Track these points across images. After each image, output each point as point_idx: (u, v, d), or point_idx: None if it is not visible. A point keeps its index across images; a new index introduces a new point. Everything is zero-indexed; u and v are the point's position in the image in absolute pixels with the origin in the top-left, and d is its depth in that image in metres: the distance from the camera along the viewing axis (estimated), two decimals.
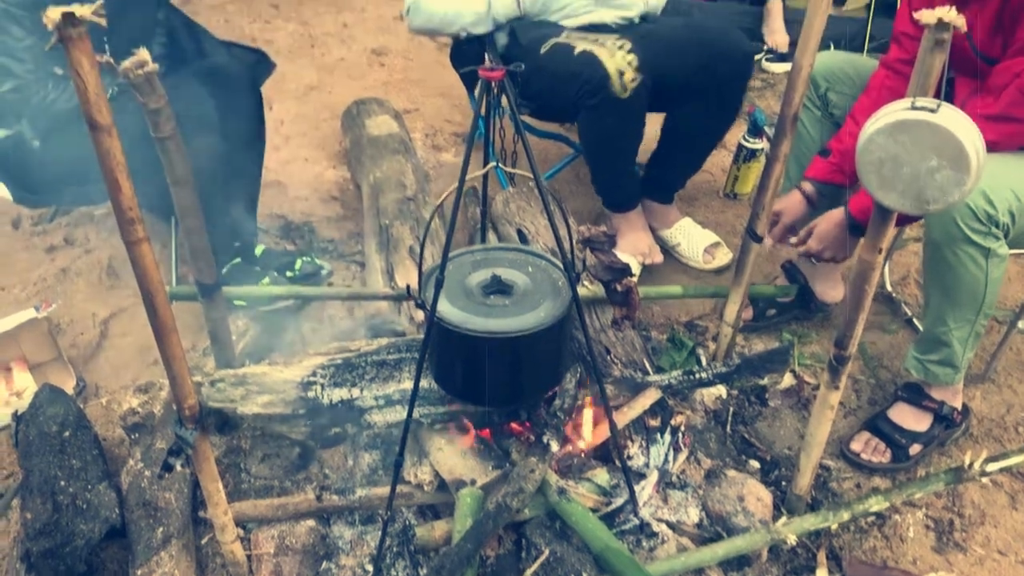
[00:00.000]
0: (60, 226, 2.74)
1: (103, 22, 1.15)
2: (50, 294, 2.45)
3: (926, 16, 1.28)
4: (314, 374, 1.76)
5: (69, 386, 2.10)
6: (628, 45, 2.11)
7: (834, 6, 3.88)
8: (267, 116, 2.38)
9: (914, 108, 1.31)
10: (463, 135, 3.42)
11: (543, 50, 2.24)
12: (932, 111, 1.30)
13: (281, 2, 4.71)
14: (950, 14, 1.27)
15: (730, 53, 2.32)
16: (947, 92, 2.03)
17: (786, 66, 3.77)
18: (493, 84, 1.39)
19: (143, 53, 1.39)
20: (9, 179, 2.16)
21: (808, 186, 2.09)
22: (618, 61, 2.10)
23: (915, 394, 2.02)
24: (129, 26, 2.05)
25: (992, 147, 1.73)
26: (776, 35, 3.96)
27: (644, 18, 2.55)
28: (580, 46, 2.15)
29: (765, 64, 3.96)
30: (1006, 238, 1.73)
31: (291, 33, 4.34)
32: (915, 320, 2.40)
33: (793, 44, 3.89)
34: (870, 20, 3.83)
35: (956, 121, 1.30)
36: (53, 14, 1.12)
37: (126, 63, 1.38)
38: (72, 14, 1.12)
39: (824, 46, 1.69)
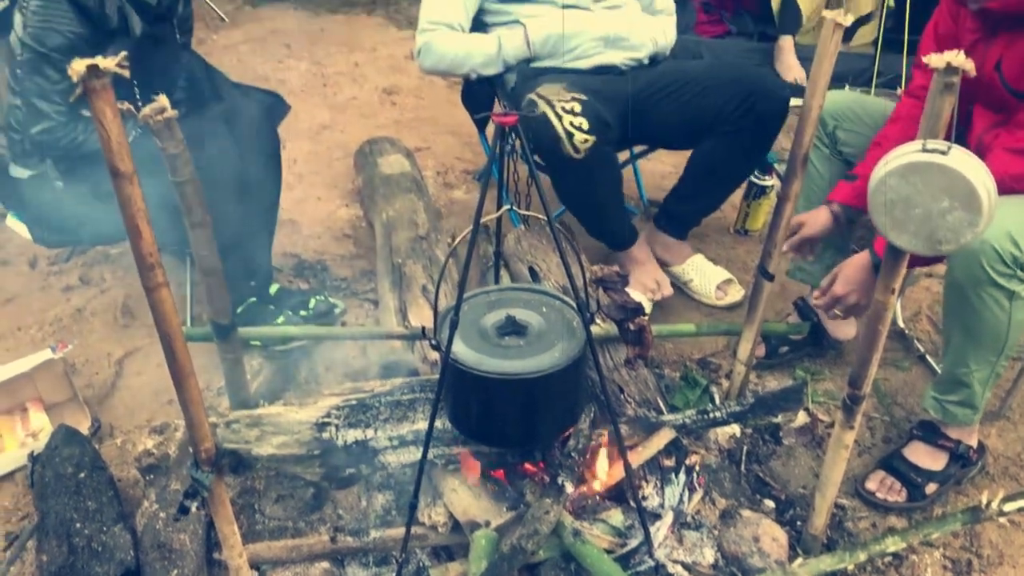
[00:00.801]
0: (76, 266, 2.76)
1: (127, 73, 1.18)
2: (66, 334, 2.47)
3: (935, 60, 1.29)
4: (328, 415, 1.76)
5: (84, 426, 2.11)
6: (578, 108, 2.12)
7: (841, 42, 3.92)
8: (281, 155, 2.40)
9: (925, 150, 1.32)
10: (474, 172, 3.45)
11: (523, 104, 2.27)
12: (943, 153, 1.31)
13: (293, 42, 4.78)
14: (958, 58, 1.28)
15: (771, 93, 2.33)
16: (963, 123, 2.04)
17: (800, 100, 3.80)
18: (507, 128, 1.41)
19: (162, 99, 1.42)
20: (30, 218, 2.19)
21: (835, 206, 2.08)
22: (566, 124, 2.11)
23: (930, 432, 2.01)
24: (155, 70, 2.09)
25: (1017, 182, 1.75)
26: (792, 70, 3.99)
27: (653, 59, 2.58)
28: (541, 106, 2.17)
29: None
30: None
31: (304, 73, 4.40)
32: (928, 357, 2.40)
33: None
34: (877, 56, 3.86)
35: (967, 163, 1.31)
36: (78, 66, 1.14)
37: (146, 110, 1.40)
38: (96, 66, 1.14)
39: (833, 82, 1.70)
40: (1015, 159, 1.78)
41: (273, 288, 2.40)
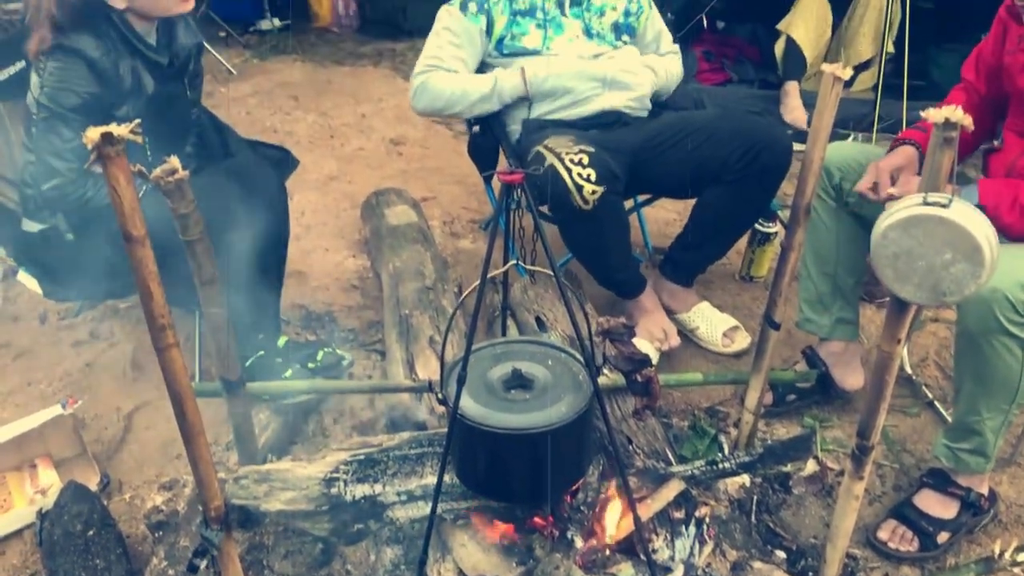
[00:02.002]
0: (86, 320, 2.78)
1: (140, 139, 1.20)
2: (76, 389, 2.48)
3: (933, 115, 1.31)
4: (337, 470, 1.76)
5: (93, 482, 2.11)
6: (586, 159, 2.15)
7: (842, 89, 3.96)
8: (289, 207, 2.43)
9: (926, 203, 1.34)
10: (480, 222, 3.48)
11: (529, 157, 2.30)
12: (944, 206, 1.33)
13: (301, 94, 4.86)
14: (956, 113, 1.30)
15: (775, 143, 2.36)
16: (990, 149, 2.05)
17: (803, 145, 3.84)
18: (512, 186, 1.43)
19: (174, 161, 1.44)
20: (41, 272, 2.22)
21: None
22: (575, 176, 2.14)
23: (941, 480, 2.00)
24: (166, 128, 2.13)
25: None
26: (796, 112, 4.03)
27: (659, 100, 2.62)
28: (549, 158, 2.20)
29: None
30: None
31: (311, 124, 4.46)
32: (936, 403, 2.39)
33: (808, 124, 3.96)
34: (878, 101, 3.90)
35: (968, 216, 1.32)
36: (92, 134, 1.17)
37: (157, 171, 1.43)
38: (111, 133, 1.16)
39: (834, 128, 1.72)
40: None
41: (281, 341, 2.41)
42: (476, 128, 2.68)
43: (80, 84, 1.93)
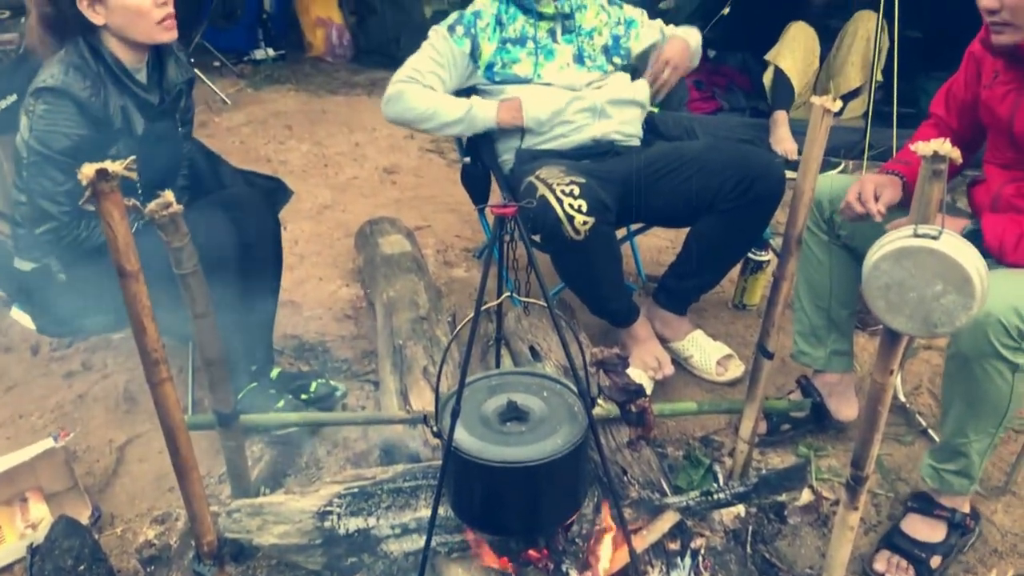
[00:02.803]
0: (78, 351, 2.77)
1: (134, 176, 1.21)
2: (68, 421, 2.47)
3: (922, 148, 1.33)
4: (330, 503, 1.75)
5: (85, 515, 2.10)
6: (577, 190, 2.17)
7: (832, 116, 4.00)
8: (282, 237, 2.43)
9: (916, 235, 1.35)
10: (474, 250, 3.49)
11: (522, 187, 2.32)
12: (934, 238, 1.34)
13: (295, 123, 4.88)
14: (944, 146, 1.32)
15: (767, 173, 2.37)
16: (974, 182, 2.07)
17: (794, 174, 3.88)
18: (506, 219, 1.44)
19: (168, 195, 1.45)
20: (34, 309, 2.21)
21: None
22: (566, 207, 2.15)
23: (926, 503, 2.01)
24: (157, 164, 2.13)
25: None
26: (784, 143, 4.06)
27: (657, 134, 2.64)
28: (540, 189, 2.22)
29: None
30: None
31: (305, 153, 4.48)
32: (931, 431, 2.39)
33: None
34: (868, 129, 3.93)
35: (958, 248, 1.34)
36: (88, 170, 1.18)
37: (151, 205, 1.43)
38: (105, 170, 1.17)
39: (825, 155, 1.73)
40: None
41: (274, 372, 2.41)
42: (467, 159, 2.71)
43: (69, 126, 1.91)
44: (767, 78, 4.17)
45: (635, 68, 2.80)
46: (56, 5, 1.95)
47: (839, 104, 1.67)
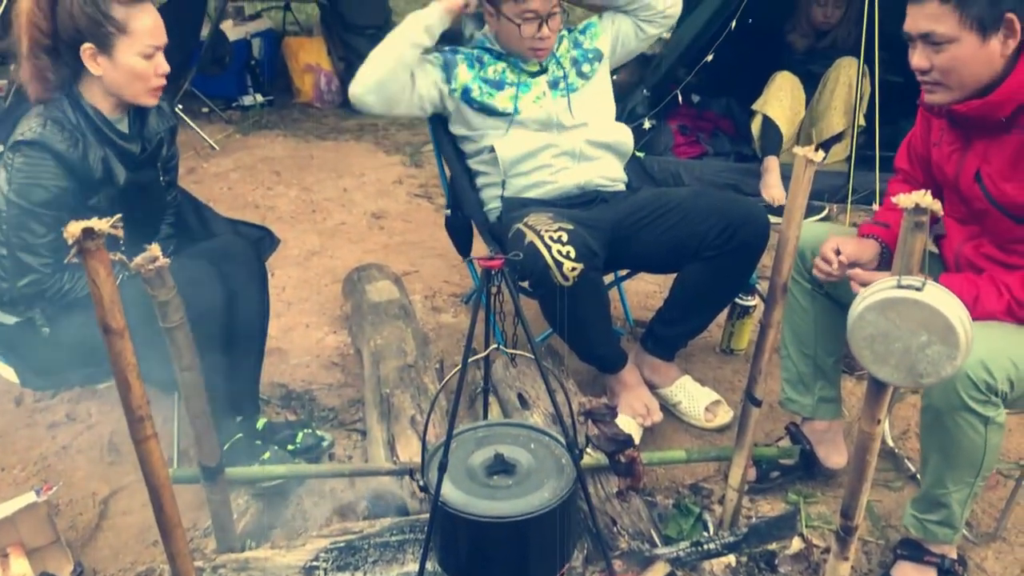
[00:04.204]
0: (63, 401, 2.74)
1: (120, 233, 1.21)
2: (51, 473, 2.43)
3: (904, 200, 1.34)
4: (316, 558, 1.74)
5: (66, 571, 2.06)
6: (565, 237, 2.18)
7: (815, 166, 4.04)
8: (269, 284, 2.42)
9: (900, 287, 1.36)
10: (461, 295, 3.49)
11: (510, 235, 2.32)
12: (918, 289, 1.35)
13: (283, 169, 4.89)
14: (926, 199, 1.33)
15: (752, 220, 2.39)
16: (940, 235, 2.10)
17: (779, 219, 3.91)
18: (492, 271, 1.45)
19: (154, 249, 1.45)
20: (17, 362, 2.19)
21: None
22: (554, 253, 2.16)
23: (915, 550, 2.00)
24: (140, 214, 2.13)
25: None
26: (773, 189, 4.10)
27: (642, 178, 2.65)
28: (528, 235, 2.23)
29: None
30: (1004, 404, 1.74)
31: (293, 199, 4.48)
32: (920, 476, 2.38)
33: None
34: (851, 172, 3.97)
35: (941, 299, 1.35)
36: (74, 228, 1.18)
37: (138, 259, 1.43)
38: (91, 228, 1.17)
39: (809, 199, 1.75)
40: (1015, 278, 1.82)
41: (260, 422, 2.39)
42: (448, 211, 2.71)
43: (49, 178, 1.90)
44: (755, 126, 4.22)
45: (616, 70, 2.79)
46: (56, 44, 1.94)
47: (821, 155, 1.69)
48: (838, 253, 1.97)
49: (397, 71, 2.51)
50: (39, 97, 1.96)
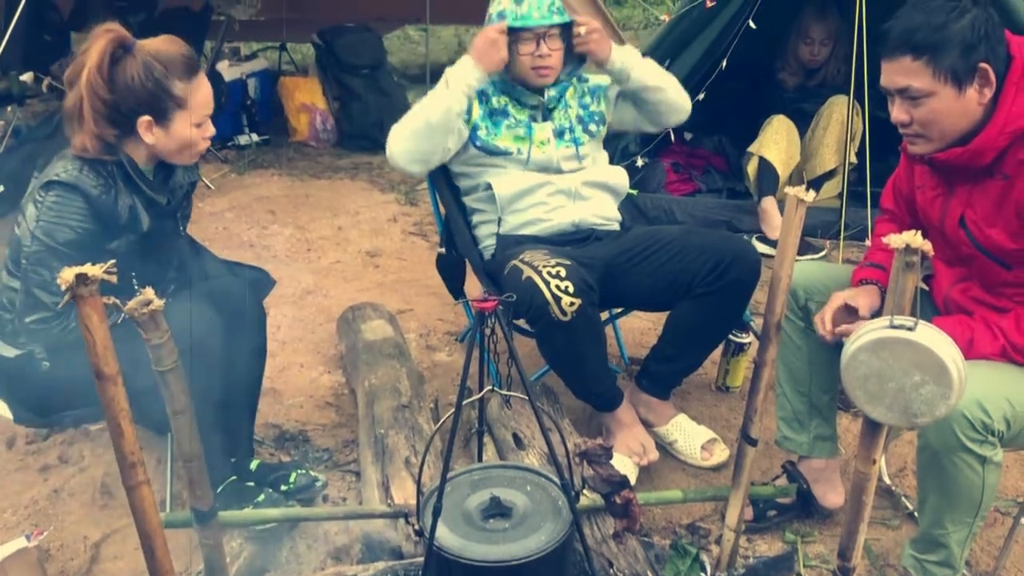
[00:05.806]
0: (55, 444, 2.72)
1: (114, 279, 1.21)
2: (42, 517, 2.41)
3: (894, 240, 1.36)
4: None
5: None
6: (563, 272, 2.19)
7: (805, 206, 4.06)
8: (266, 332, 2.42)
9: (892, 327, 1.37)
10: (456, 334, 3.48)
11: (506, 271, 2.33)
12: (910, 329, 1.36)
13: (278, 208, 4.91)
14: (916, 239, 1.34)
15: (743, 257, 2.40)
16: (929, 276, 2.11)
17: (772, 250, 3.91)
18: (486, 313, 1.45)
19: (148, 292, 1.45)
20: (12, 397, 2.18)
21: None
22: (553, 288, 2.17)
23: None
24: (154, 260, 2.14)
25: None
26: (776, 231, 4.11)
27: (636, 216, 2.66)
28: (526, 271, 2.24)
29: (754, 243, 4.05)
30: (1001, 443, 1.74)
31: (288, 238, 4.49)
32: (917, 515, 2.37)
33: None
34: (843, 209, 4.00)
35: (934, 338, 1.35)
36: (67, 275, 1.18)
37: (131, 303, 1.43)
38: (84, 274, 1.17)
39: (803, 235, 1.76)
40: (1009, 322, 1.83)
41: (254, 464, 2.37)
42: (441, 249, 2.72)
43: (76, 219, 1.92)
44: (751, 168, 4.24)
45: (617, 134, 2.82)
46: (112, 113, 1.95)
47: (812, 195, 1.71)
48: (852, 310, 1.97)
49: (443, 140, 2.54)
50: (91, 155, 1.97)
